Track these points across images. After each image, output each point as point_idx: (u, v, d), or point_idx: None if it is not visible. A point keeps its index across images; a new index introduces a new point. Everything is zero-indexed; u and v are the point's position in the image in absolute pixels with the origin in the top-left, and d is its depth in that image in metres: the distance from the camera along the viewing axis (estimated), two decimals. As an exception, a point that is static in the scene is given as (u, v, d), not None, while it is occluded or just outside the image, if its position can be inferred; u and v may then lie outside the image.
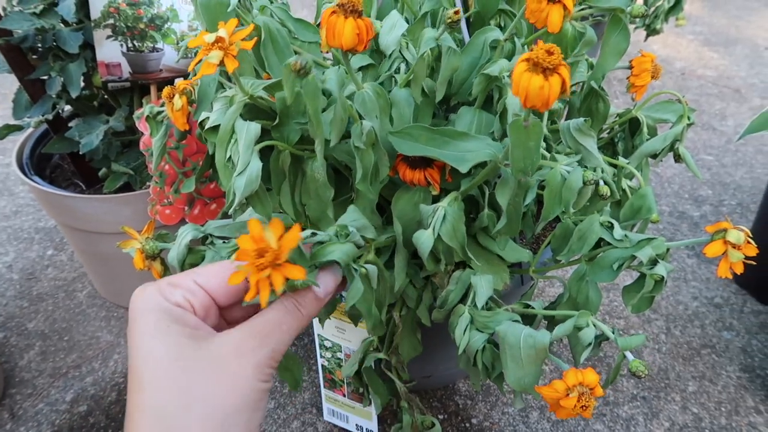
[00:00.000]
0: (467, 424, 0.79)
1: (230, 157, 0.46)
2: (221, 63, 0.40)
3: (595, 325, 0.45)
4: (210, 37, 0.40)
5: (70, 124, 0.82)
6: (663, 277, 0.47)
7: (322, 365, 0.71)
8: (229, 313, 0.34)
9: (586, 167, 0.45)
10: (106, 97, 0.82)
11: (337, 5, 0.37)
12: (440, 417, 0.79)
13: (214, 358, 0.28)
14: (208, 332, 0.30)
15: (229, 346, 0.29)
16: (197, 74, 0.41)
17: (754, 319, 0.94)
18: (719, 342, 0.90)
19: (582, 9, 0.50)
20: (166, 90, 0.57)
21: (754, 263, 0.47)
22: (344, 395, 0.72)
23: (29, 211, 1.19)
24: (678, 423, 0.78)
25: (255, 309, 0.34)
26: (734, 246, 0.45)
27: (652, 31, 1.36)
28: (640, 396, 0.82)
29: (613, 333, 0.45)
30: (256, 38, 0.47)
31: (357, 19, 0.37)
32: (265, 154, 0.48)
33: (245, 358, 0.28)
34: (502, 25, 0.62)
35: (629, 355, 0.44)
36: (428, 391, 0.83)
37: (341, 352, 0.69)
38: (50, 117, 0.76)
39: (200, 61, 0.40)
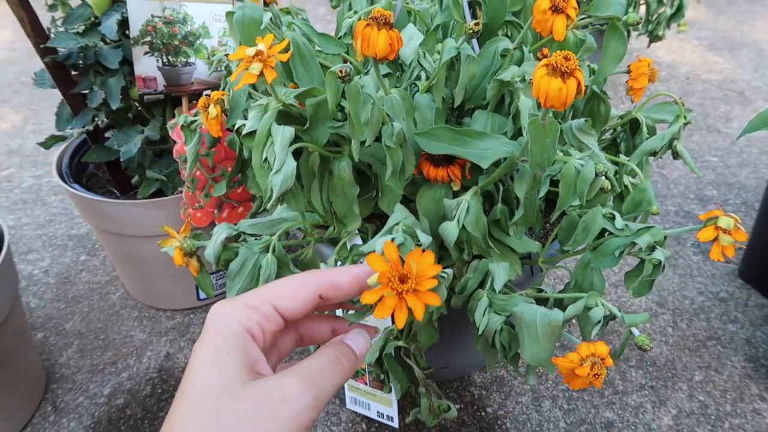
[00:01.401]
0: (483, 413, 0.83)
1: (266, 158, 0.51)
2: (261, 73, 0.45)
3: (603, 305, 0.50)
4: (250, 51, 0.45)
5: (106, 135, 0.88)
6: (660, 261, 0.51)
7: (346, 356, 0.76)
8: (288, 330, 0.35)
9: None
10: (139, 108, 0.88)
11: (371, 18, 0.42)
12: (457, 406, 0.84)
13: (258, 401, 0.28)
14: (262, 370, 0.30)
15: (275, 390, 0.28)
16: (239, 83, 0.46)
17: (759, 312, 0.97)
18: (724, 334, 0.93)
19: (582, 18, 0.55)
20: (202, 100, 0.62)
21: (746, 249, 0.50)
22: (366, 383, 0.76)
23: (62, 219, 1.26)
24: (685, 410, 0.82)
25: (304, 329, 0.36)
26: (725, 231, 0.49)
27: (654, 38, 1.40)
28: (648, 385, 0.86)
29: (620, 312, 0.50)
30: (291, 51, 0.52)
31: (389, 30, 0.42)
32: (295, 157, 0.53)
33: (288, 404, 0.28)
34: (509, 35, 0.67)
35: (635, 331, 0.48)
36: (445, 382, 0.87)
37: (363, 342, 0.73)
38: (90, 128, 0.82)
39: (242, 71, 0.46)
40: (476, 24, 0.50)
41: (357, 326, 0.36)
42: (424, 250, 0.33)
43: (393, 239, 0.45)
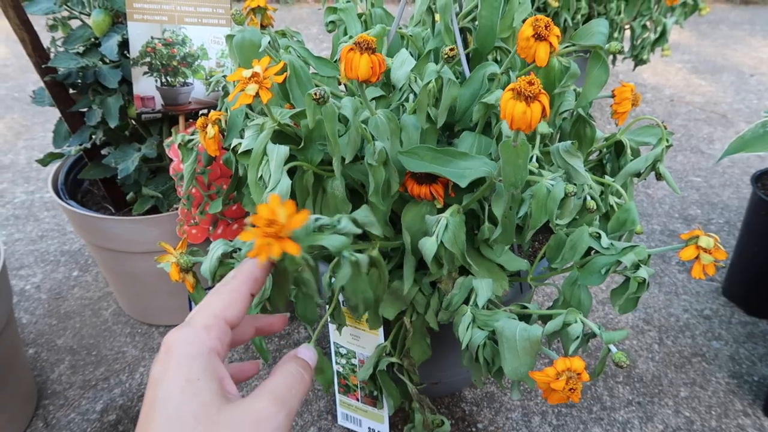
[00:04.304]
0: (473, 429, 0.84)
1: (261, 176, 0.53)
2: (257, 94, 0.47)
3: (582, 321, 0.52)
4: (247, 72, 0.47)
5: (103, 152, 0.89)
6: (645, 279, 0.53)
7: (337, 371, 0.77)
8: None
9: (568, 182, 0.52)
10: (136, 127, 0.90)
11: (354, 43, 0.44)
12: (448, 420, 0.84)
13: (235, 425, 0.29)
14: (229, 387, 0.31)
15: (250, 414, 0.29)
16: (236, 103, 0.48)
17: (742, 329, 0.99)
18: (709, 351, 0.95)
19: (567, 46, 0.57)
20: (200, 120, 0.64)
21: (729, 268, 0.52)
22: (358, 399, 0.77)
23: (54, 235, 1.26)
24: (671, 426, 0.83)
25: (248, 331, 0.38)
26: (705, 250, 0.51)
27: (639, 61, 1.44)
28: (636, 401, 0.87)
29: (599, 329, 0.52)
30: (287, 73, 0.54)
31: (371, 55, 0.44)
32: (289, 175, 0.55)
33: (263, 425, 0.29)
34: (498, 59, 0.70)
35: (613, 348, 0.50)
36: (436, 398, 0.88)
37: (355, 358, 0.74)
38: (88, 146, 0.83)
39: (239, 92, 0.47)
40: (451, 49, 0.52)
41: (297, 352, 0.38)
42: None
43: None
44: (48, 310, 1.06)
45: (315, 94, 0.47)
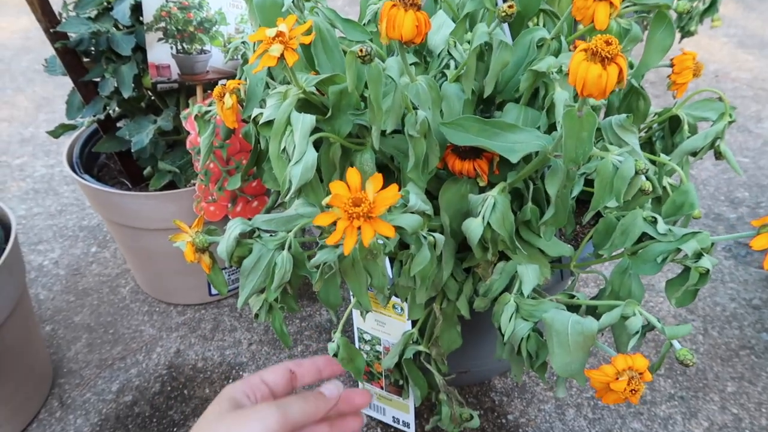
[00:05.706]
0: (503, 420, 0.79)
1: (284, 148, 0.48)
2: (281, 56, 0.42)
3: (641, 314, 0.46)
4: (271, 32, 0.42)
5: (118, 124, 0.85)
6: (708, 270, 0.48)
7: (362, 358, 0.73)
8: None
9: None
10: (152, 98, 0.86)
11: None
12: (477, 413, 0.80)
13: (238, 413, 0.39)
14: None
15: (249, 408, 0.40)
16: (258, 66, 0.43)
17: (794, 321, 0.92)
18: (758, 343, 0.89)
19: (627, 6, 0.51)
20: (217, 89, 0.59)
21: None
22: (382, 388, 0.73)
23: (73, 210, 1.24)
24: (717, 423, 0.78)
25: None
26: (781, 239, 0.45)
27: (686, 33, 1.35)
28: (678, 396, 0.82)
29: (660, 323, 0.46)
30: (314, 33, 0.48)
31: (416, 12, 0.39)
32: (315, 148, 0.50)
33: (257, 410, 0.39)
34: (543, 24, 0.63)
35: (676, 344, 0.44)
36: (464, 387, 0.84)
37: (380, 345, 0.70)
38: (101, 117, 0.79)
39: (261, 53, 0.42)
40: (510, 6, 0.46)
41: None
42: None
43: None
44: (66, 286, 1.04)
45: (361, 50, 0.41)
